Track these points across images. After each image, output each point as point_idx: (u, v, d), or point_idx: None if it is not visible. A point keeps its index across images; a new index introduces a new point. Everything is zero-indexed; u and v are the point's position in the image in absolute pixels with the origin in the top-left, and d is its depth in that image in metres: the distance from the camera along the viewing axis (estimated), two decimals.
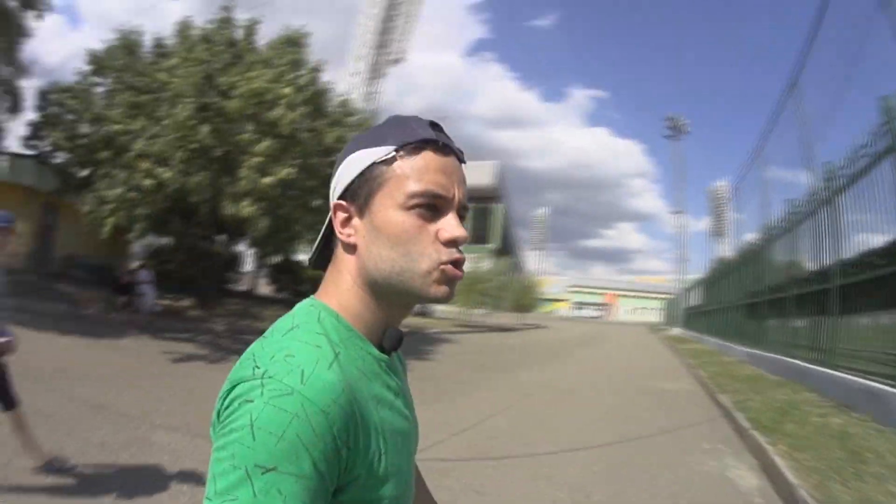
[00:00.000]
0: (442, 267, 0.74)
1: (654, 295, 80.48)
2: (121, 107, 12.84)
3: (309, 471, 0.60)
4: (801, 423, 5.70)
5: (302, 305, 0.78)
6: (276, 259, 22.87)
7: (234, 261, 24.12)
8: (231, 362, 4.54)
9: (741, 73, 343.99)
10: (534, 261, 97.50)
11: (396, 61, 75.10)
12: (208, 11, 14.21)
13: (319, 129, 13.53)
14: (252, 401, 0.62)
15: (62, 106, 13.73)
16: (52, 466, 3.64)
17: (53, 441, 4.14)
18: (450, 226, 0.74)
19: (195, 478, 3.88)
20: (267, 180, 12.17)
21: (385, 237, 0.74)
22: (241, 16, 14.19)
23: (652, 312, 73.56)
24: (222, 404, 0.65)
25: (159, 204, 12.66)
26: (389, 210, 0.74)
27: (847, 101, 8.35)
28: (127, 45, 14.16)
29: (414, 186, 0.73)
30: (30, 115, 15.12)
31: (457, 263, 0.75)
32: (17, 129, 17.29)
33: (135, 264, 16.31)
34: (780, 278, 11.25)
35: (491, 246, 56.43)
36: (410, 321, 26.48)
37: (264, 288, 27.51)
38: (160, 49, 14.51)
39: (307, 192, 14.07)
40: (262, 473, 0.58)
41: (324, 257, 0.84)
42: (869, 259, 6.95)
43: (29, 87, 16.84)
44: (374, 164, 0.75)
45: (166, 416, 5.49)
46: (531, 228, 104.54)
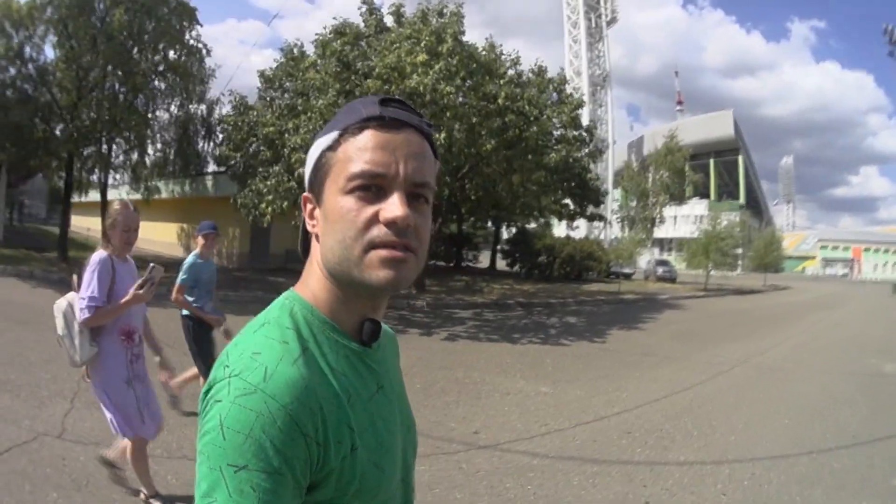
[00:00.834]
0: (375, 250, 0.70)
1: None
2: (276, 111, 14.40)
3: (279, 466, 0.61)
4: None
5: (278, 299, 0.78)
6: (508, 233, 23.95)
7: (467, 239, 25.50)
8: (406, 334, 9.57)
9: None
10: (781, 215, 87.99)
11: (610, 22, 72.83)
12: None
13: (497, 93, 13.37)
14: (220, 401, 0.63)
15: (233, 125, 15.91)
16: None
17: None
18: (389, 206, 0.70)
19: None
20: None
21: (330, 225, 0.72)
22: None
23: None
24: (201, 406, 0.67)
25: None
26: (333, 196, 0.72)
27: None
28: (290, 59, 15.83)
29: (351, 168, 0.71)
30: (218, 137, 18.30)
31: (392, 245, 0.70)
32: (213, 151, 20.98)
33: None
34: None
35: (736, 202, 51.53)
36: (646, 286, 25.36)
37: (501, 263, 28.22)
38: (302, 51, 16.11)
39: (513, 160, 14.45)
40: (235, 472, 0.60)
41: (304, 248, 0.83)
42: None
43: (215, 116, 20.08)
44: (323, 151, 0.74)
45: None
46: (776, 181, 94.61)
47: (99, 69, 14.62)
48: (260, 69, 16.87)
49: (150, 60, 15.90)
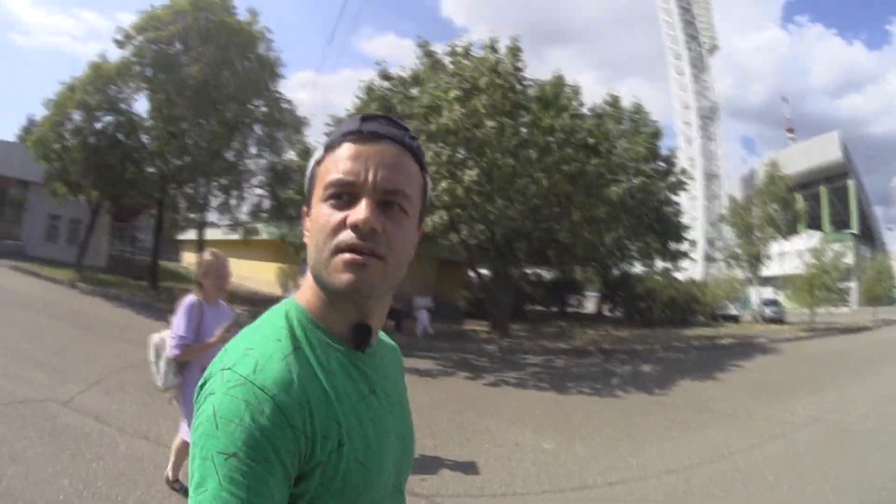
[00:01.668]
0: (340, 254, 0.73)
1: None
2: None
3: (268, 454, 0.64)
4: None
5: (278, 304, 0.82)
6: (609, 276, 22.98)
7: (572, 285, 24.84)
8: (452, 377, 9.35)
9: None
10: None
11: (712, 49, 70.30)
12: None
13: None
14: (213, 393, 0.67)
15: (299, 170, 16.34)
16: None
17: None
18: (354, 211, 0.73)
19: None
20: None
21: (311, 232, 0.77)
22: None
23: None
24: (196, 401, 0.70)
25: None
26: (315, 205, 0.77)
27: None
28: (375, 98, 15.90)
29: (327, 178, 0.76)
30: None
31: (355, 248, 0.73)
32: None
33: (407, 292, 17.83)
34: None
35: (847, 232, 46.66)
36: (750, 329, 23.00)
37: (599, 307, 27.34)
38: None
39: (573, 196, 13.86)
40: (226, 459, 0.62)
41: None
42: None
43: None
44: (312, 167, 0.80)
45: None
46: (890, 203, 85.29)
47: (186, 120, 16.06)
48: (332, 114, 17.60)
49: (234, 111, 16.92)
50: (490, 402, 7.63)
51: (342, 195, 0.74)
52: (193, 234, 23.10)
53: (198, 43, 16.26)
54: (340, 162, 0.75)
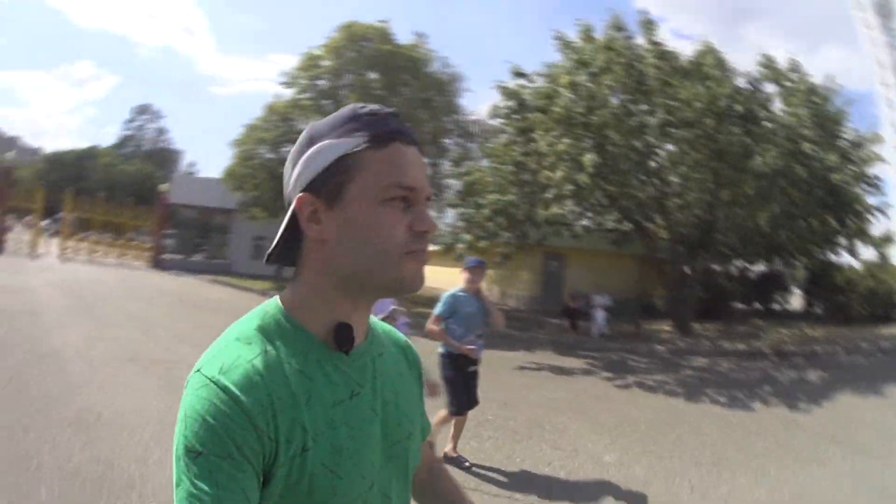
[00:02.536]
0: (411, 256, 0.76)
1: None
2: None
3: (233, 453, 0.65)
4: None
5: (261, 304, 0.82)
6: (809, 270, 19.88)
7: (777, 278, 22.09)
8: (589, 376, 9.08)
9: None
10: None
11: None
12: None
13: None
14: (185, 394, 0.70)
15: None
16: (456, 460, 4.51)
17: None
18: (424, 217, 0.77)
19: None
20: None
21: (359, 230, 0.75)
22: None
23: None
24: None
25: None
26: (364, 203, 0.75)
27: None
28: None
29: (389, 180, 0.75)
30: None
31: (425, 252, 0.78)
32: None
33: (587, 291, 16.87)
34: None
35: None
36: None
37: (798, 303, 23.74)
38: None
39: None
40: (196, 458, 0.64)
41: (284, 252, 0.84)
42: None
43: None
44: (344, 155, 0.76)
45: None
46: None
47: None
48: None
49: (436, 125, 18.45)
50: (596, 406, 7.16)
51: (405, 199, 0.76)
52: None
53: (362, 72, 17.86)
54: (404, 166, 0.76)
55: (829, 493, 4.48)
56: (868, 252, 17.47)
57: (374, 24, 19.08)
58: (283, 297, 0.80)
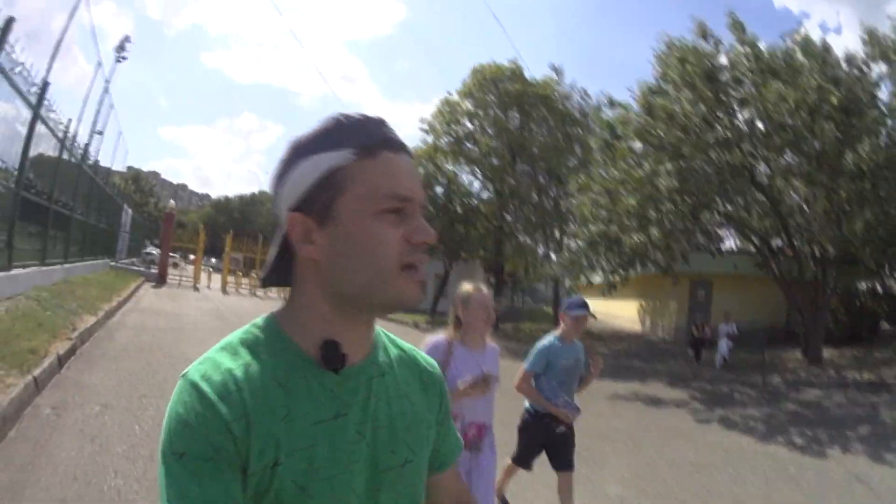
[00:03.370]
0: (409, 270, 0.74)
1: None
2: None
3: (214, 455, 0.67)
4: None
5: (256, 319, 0.80)
6: None
7: None
8: (677, 408, 9.23)
9: None
10: None
11: None
12: None
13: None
14: (172, 397, 0.72)
15: None
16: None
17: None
18: (420, 228, 0.75)
19: None
20: None
21: (354, 247, 0.73)
22: None
23: None
24: None
25: None
26: (357, 217, 0.73)
27: None
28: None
29: (383, 191, 0.73)
30: None
31: (421, 264, 0.76)
32: None
33: (712, 320, 16.30)
34: None
35: None
36: None
37: None
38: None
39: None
40: (179, 458, 0.67)
41: (278, 273, 0.82)
42: None
43: None
44: (331, 169, 0.74)
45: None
46: None
47: (518, 183, 18.44)
48: None
49: (544, 167, 18.93)
50: (651, 439, 7.03)
51: (401, 211, 0.74)
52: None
53: (497, 112, 18.71)
54: (396, 175, 0.74)
55: None
56: None
57: (503, 64, 19.83)
58: (278, 312, 0.80)
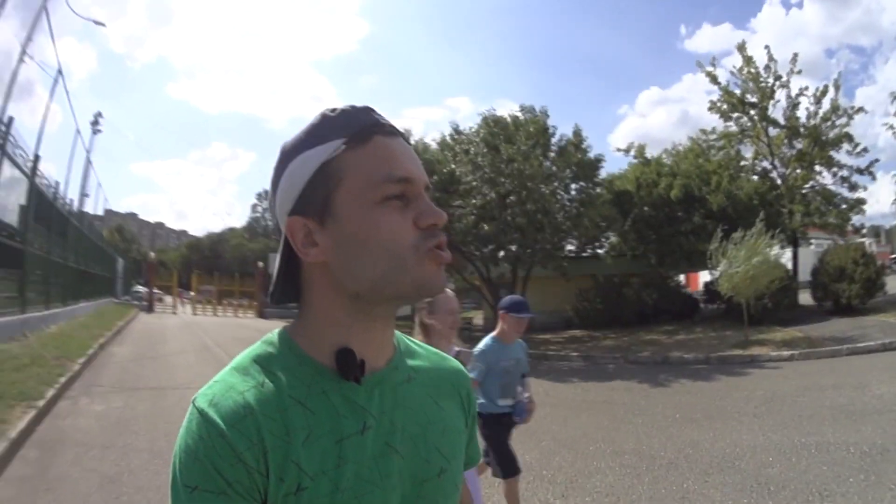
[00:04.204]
0: (430, 255, 0.70)
1: None
2: None
3: (226, 489, 0.63)
4: None
5: (269, 334, 0.77)
6: None
7: None
8: None
9: None
10: None
11: None
12: None
13: None
14: (182, 425, 0.68)
15: None
16: None
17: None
18: (428, 209, 0.71)
19: None
20: None
21: (361, 241, 0.69)
22: None
23: None
24: None
25: None
26: (358, 209, 0.69)
27: None
28: None
29: (379, 176, 0.69)
30: None
31: (442, 245, 0.71)
32: None
33: None
34: None
35: None
36: None
37: None
38: None
39: None
40: (191, 492, 0.63)
41: (286, 287, 0.78)
42: None
43: None
44: (323, 164, 0.70)
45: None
46: None
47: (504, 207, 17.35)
48: None
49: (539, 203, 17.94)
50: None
51: (403, 195, 0.70)
52: None
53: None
54: (392, 158, 0.71)
55: None
56: None
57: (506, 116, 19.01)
58: (290, 326, 0.76)
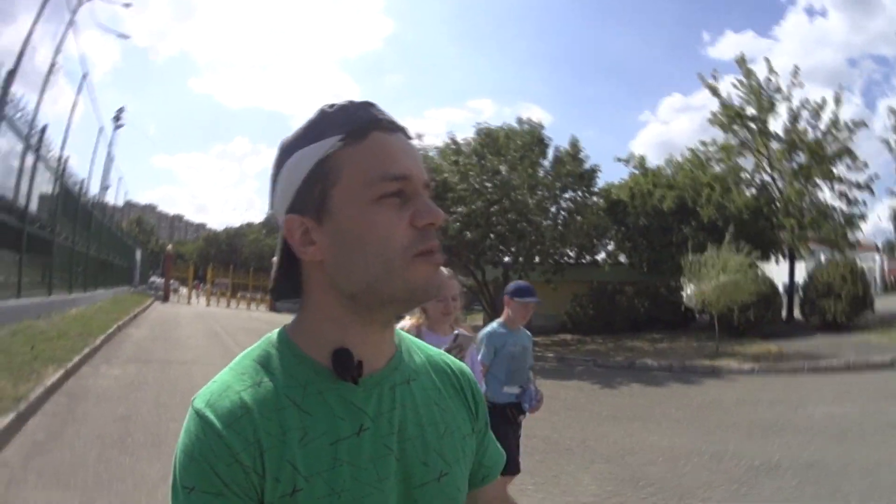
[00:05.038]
0: (422, 257, 0.68)
1: None
2: None
3: (223, 490, 0.63)
4: None
5: (270, 333, 0.76)
6: None
7: None
8: None
9: None
10: None
11: None
12: None
13: None
14: (182, 428, 0.68)
15: None
16: None
17: None
18: (425, 209, 0.69)
19: None
20: None
21: (355, 240, 0.68)
22: None
23: None
24: None
25: None
26: (354, 208, 0.68)
27: None
28: None
29: (375, 173, 0.67)
30: None
31: (434, 248, 0.69)
32: None
33: None
34: None
35: None
36: None
37: None
38: None
39: None
40: (189, 493, 0.63)
41: (285, 283, 0.77)
42: None
43: None
44: (319, 161, 0.69)
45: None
46: None
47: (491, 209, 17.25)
48: None
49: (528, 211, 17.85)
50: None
51: (400, 192, 0.68)
52: None
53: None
54: (390, 155, 0.68)
55: None
56: None
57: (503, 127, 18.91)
58: (289, 325, 0.76)
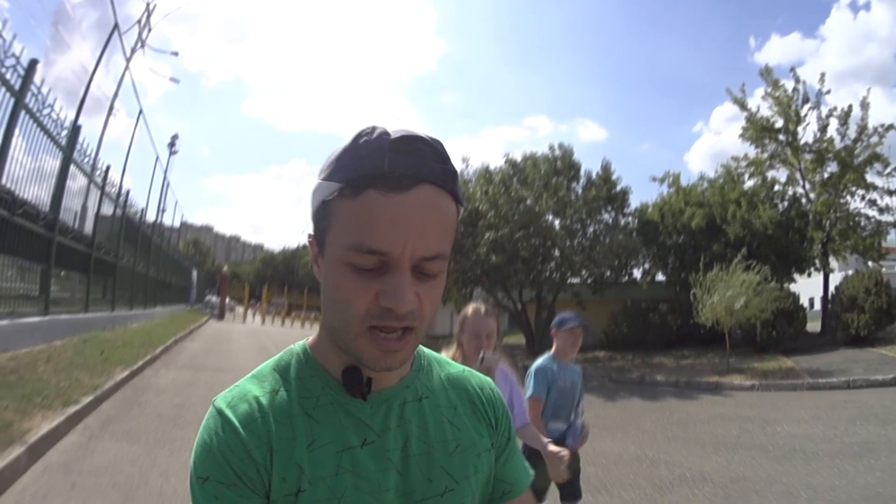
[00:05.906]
0: (373, 332, 0.68)
1: None
2: None
3: (236, 481, 0.68)
4: None
5: (292, 345, 0.81)
6: None
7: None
8: None
9: None
10: None
11: None
12: None
13: None
14: (202, 424, 0.73)
15: None
16: None
17: None
18: (391, 290, 0.65)
19: None
20: None
21: (330, 286, 0.69)
22: None
23: None
24: None
25: None
26: (334, 260, 0.68)
27: None
28: None
29: (353, 242, 0.65)
30: None
31: (391, 330, 0.67)
32: None
33: None
34: None
35: None
36: None
37: None
38: None
39: None
40: (203, 483, 0.68)
41: None
42: None
43: None
44: (323, 200, 0.68)
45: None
46: None
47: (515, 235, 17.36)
48: None
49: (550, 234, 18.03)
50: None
51: (376, 266, 0.65)
52: None
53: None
54: (371, 224, 0.63)
55: None
56: None
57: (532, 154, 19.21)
58: (311, 338, 0.80)
